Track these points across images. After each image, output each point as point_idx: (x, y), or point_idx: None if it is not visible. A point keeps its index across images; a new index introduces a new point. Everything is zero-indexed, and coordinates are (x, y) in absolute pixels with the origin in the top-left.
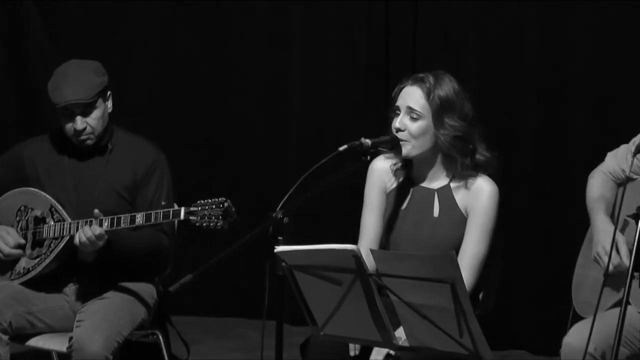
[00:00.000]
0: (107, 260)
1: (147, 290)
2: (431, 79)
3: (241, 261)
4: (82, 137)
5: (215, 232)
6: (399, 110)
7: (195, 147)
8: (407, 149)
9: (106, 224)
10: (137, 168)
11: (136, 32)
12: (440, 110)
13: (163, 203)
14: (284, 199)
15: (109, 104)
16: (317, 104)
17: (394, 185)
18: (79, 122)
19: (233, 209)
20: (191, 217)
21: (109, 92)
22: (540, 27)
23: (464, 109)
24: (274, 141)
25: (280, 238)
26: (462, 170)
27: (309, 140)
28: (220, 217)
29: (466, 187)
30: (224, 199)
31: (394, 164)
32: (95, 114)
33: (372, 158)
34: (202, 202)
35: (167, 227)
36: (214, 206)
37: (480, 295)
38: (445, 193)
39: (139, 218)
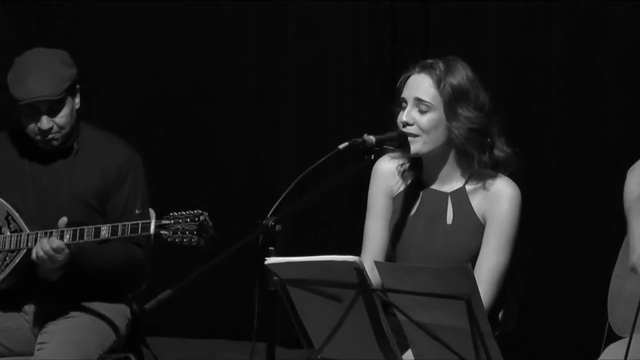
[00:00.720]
0: (72, 277)
1: (119, 308)
2: (441, 65)
3: (227, 275)
4: (48, 138)
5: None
6: (406, 102)
7: (176, 145)
8: (416, 146)
9: (67, 236)
10: (107, 172)
11: (107, 19)
12: (452, 100)
13: (137, 212)
14: (277, 203)
15: (77, 99)
16: (314, 95)
17: (401, 188)
18: (45, 122)
19: (210, 223)
20: (162, 232)
21: (77, 86)
22: (572, 14)
23: (479, 99)
24: (267, 139)
25: (271, 248)
26: (480, 169)
27: (305, 138)
28: (195, 233)
29: (484, 189)
30: (200, 211)
31: (401, 165)
32: (64, 111)
33: (377, 157)
34: (175, 214)
35: (141, 238)
36: (188, 220)
37: (500, 314)
38: (459, 197)
39: (104, 231)
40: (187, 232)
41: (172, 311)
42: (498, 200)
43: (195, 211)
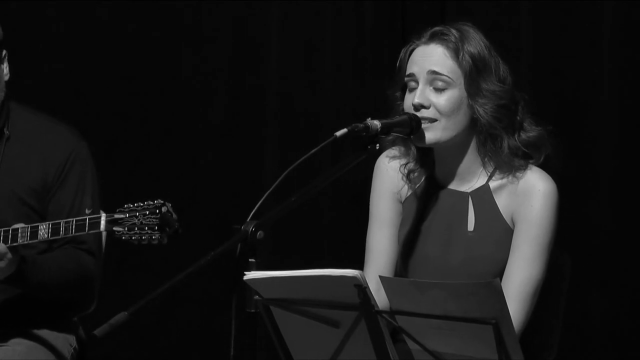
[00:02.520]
0: (7, 294)
1: (62, 335)
2: (455, 32)
3: (197, 293)
4: None
5: (156, 250)
6: (416, 81)
7: (134, 132)
8: (434, 133)
9: None
10: (48, 164)
11: None
12: (474, 72)
13: (87, 212)
14: (258, 204)
15: (5, 68)
16: (305, 71)
17: (412, 189)
18: None
19: (174, 215)
20: (116, 229)
21: (4, 52)
22: None
23: (500, 69)
24: (245, 123)
25: (252, 260)
26: (511, 157)
27: (293, 123)
28: (156, 228)
29: (511, 184)
30: (161, 202)
31: (404, 165)
32: None
33: (383, 147)
34: (131, 206)
35: (92, 244)
36: (147, 212)
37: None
38: (482, 196)
39: (43, 230)
40: (147, 228)
41: (127, 338)
42: (529, 197)
43: (155, 202)
